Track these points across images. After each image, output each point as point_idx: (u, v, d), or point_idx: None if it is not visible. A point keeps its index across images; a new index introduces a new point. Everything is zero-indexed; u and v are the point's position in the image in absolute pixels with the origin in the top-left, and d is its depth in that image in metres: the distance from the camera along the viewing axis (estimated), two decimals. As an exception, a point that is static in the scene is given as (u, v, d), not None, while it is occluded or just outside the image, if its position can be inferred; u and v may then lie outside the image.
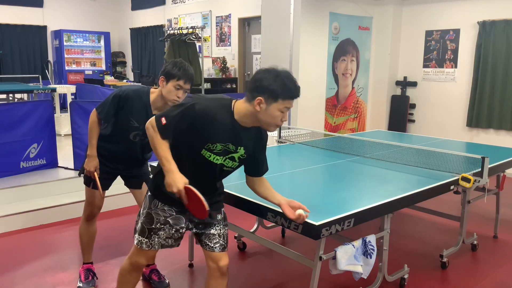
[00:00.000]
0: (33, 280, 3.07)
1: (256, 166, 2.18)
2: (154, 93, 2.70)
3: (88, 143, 2.75)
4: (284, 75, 1.91)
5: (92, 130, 2.74)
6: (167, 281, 3.01)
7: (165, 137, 1.96)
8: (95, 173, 2.75)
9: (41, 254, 3.48)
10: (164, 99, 2.64)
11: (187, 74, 2.59)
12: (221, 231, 2.18)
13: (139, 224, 2.16)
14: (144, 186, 2.89)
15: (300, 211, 2.03)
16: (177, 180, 1.89)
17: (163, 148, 1.95)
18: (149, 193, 2.17)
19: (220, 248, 2.16)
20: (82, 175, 2.86)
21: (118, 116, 2.69)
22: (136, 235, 2.16)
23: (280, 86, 1.88)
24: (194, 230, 2.20)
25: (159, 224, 2.10)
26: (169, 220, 2.11)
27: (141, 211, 2.18)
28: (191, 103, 1.93)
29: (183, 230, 2.16)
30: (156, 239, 2.12)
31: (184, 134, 1.97)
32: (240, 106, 1.97)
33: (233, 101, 2.00)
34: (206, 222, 2.16)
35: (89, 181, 2.82)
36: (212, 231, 2.16)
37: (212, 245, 2.15)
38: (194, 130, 1.95)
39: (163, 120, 1.94)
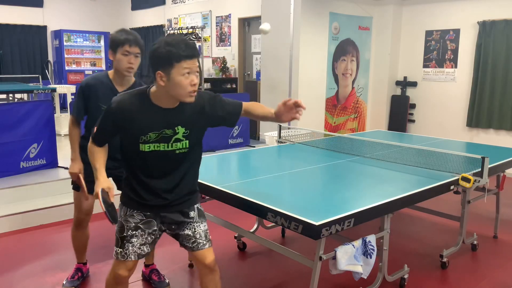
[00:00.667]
0: (33, 280, 3.08)
1: (230, 116, 2.15)
2: (111, 72, 2.70)
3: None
4: (170, 39, 1.86)
5: (71, 134, 2.75)
6: (167, 281, 3.01)
7: (99, 144, 2.04)
8: (80, 175, 2.75)
9: (41, 254, 3.48)
10: (119, 72, 2.62)
11: (131, 38, 2.55)
12: (196, 230, 2.13)
13: (115, 237, 2.12)
14: None
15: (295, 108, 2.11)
16: (97, 185, 1.95)
17: (95, 156, 2.04)
18: (120, 204, 2.14)
19: (199, 246, 2.12)
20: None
21: (90, 108, 2.68)
22: (116, 249, 2.11)
23: (169, 50, 1.83)
24: (168, 232, 2.16)
25: (130, 230, 2.07)
26: (140, 225, 2.08)
27: (117, 224, 2.14)
28: (109, 103, 1.98)
29: (157, 233, 2.13)
30: (130, 248, 2.06)
31: (121, 137, 2.02)
32: (153, 90, 1.95)
33: (150, 88, 1.98)
34: (178, 221, 2.12)
35: (77, 186, 2.81)
36: (186, 231, 2.12)
37: (191, 245, 2.12)
38: (121, 129, 1.97)
39: (95, 129, 2.03)
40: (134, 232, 2.06)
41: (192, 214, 2.14)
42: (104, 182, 1.95)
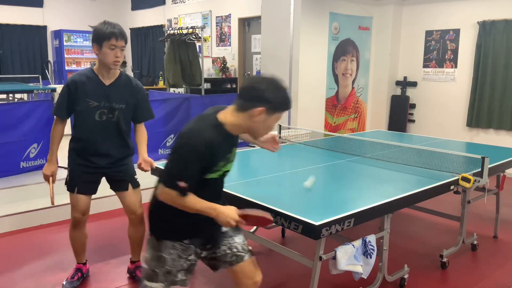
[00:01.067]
0: (33, 280, 3.08)
1: None
2: (96, 67, 2.69)
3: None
4: (283, 88, 1.90)
5: (53, 134, 2.76)
6: None
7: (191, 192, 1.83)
8: (50, 179, 2.75)
9: (41, 254, 3.48)
10: (105, 66, 2.62)
11: (116, 31, 2.54)
12: (232, 244, 2.06)
13: (150, 272, 1.97)
14: (131, 188, 2.87)
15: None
16: (229, 214, 1.84)
17: (196, 202, 1.84)
18: (152, 238, 2.00)
19: (239, 259, 2.04)
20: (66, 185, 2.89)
21: (77, 105, 2.67)
22: (150, 284, 1.97)
23: (282, 99, 1.87)
24: (203, 254, 2.07)
25: (173, 261, 1.96)
26: (180, 254, 1.97)
27: (148, 259, 2.00)
28: (196, 144, 1.78)
29: (192, 257, 2.01)
30: (176, 278, 1.96)
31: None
32: (231, 117, 1.87)
33: (217, 114, 1.89)
34: (211, 237, 2.04)
35: (73, 188, 2.82)
36: (222, 247, 2.05)
37: (229, 259, 2.04)
38: (203, 165, 1.83)
39: (182, 184, 1.78)
40: (177, 263, 1.96)
41: (224, 228, 2.08)
42: (228, 208, 1.88)
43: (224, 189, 2.52)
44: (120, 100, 2.70)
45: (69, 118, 2.82)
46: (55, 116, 2.76)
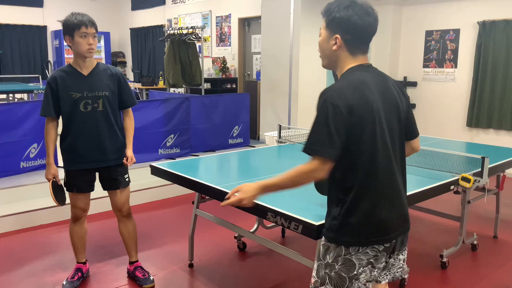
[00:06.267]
0: (33, 280, 3.08)
1: None
2: (72, 60, 2.73)
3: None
4: None
5: (46, 137, 2.78)
6: (151, 277, 3.01)
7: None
8: (50, 183, 2.78)
9: (41, 254, 3.48)
10: (81, 56, 2.65)
11: (84, 19, 2.61)
12: (405, 255, 1.90)
13: (332, 275, 1.74)
14: (122, 187, 2.90)
15: None
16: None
17: None
18: (341, 242, 1.72)
19: (400, 273, 1.88)
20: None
21: (62, 100, 2.69)
22: None
23: None
24: (388, 261, 1.83)
25: (361, 268, 1.73)
26: (372, 260, 1.74)
27: (329, 260, 1.75)
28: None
29: (382, 265, 1.79)
30: (355, 285, 1.75)
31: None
32: None
33: None
34: (403, 239, 1.83)
35: (71, 188, 2.85)
36: (401, 256, 1.86)
37: (396, 271, 1.87)
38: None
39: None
40: (364, 268, 1.75)
41: None
42: None
43: (223, 189, 2.53)
44: (102, 88, 2.73)
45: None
46: (46, 118, 2.78)
